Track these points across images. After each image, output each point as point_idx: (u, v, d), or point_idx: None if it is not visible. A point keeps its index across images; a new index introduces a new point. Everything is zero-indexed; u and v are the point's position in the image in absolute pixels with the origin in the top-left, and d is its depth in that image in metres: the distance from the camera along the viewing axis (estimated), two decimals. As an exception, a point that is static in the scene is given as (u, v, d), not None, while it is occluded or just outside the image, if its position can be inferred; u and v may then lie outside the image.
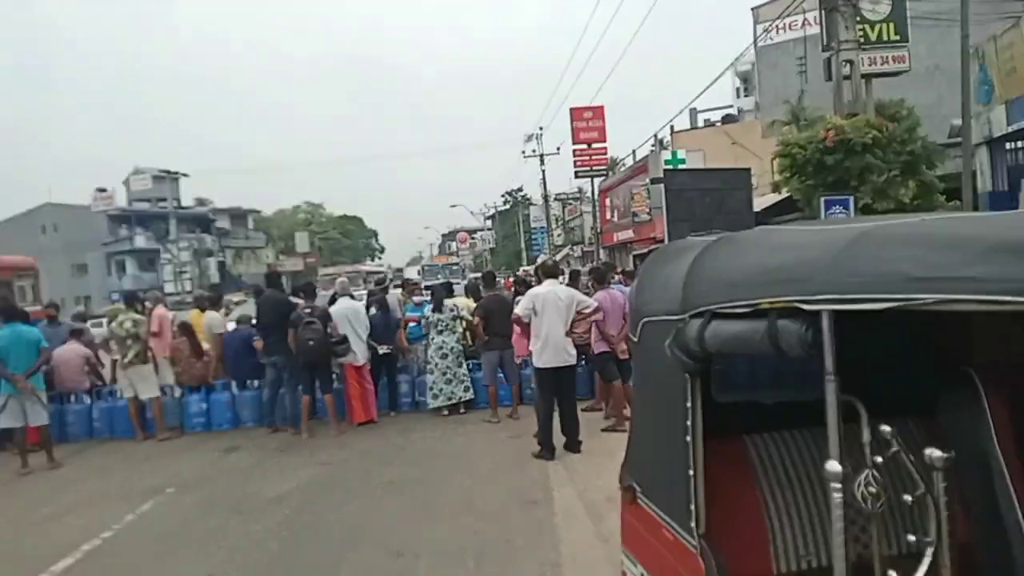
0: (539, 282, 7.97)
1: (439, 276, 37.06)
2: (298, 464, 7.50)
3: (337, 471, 7.13)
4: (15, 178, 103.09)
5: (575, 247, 52.55)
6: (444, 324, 9.43)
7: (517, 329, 8.21)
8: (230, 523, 5.72)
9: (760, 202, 18.79)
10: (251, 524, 5.65)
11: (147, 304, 11.57)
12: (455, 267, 49.07)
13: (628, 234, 31.32)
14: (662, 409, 2.34)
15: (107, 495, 6.82)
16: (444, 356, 9.31)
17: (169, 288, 49.07)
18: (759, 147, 27.41)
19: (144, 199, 58.79)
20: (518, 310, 7.13)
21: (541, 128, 39.28)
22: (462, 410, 9.39)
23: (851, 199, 11.26)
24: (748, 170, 16.76)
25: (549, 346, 7.03)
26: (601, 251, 35.55)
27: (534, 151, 39.52)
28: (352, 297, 9.96)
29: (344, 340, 8.88)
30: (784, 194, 17.02)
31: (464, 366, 9.45)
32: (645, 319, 2.48)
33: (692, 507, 2.06)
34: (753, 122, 33.62)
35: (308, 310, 8.78)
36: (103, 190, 56.81)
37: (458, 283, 23.33)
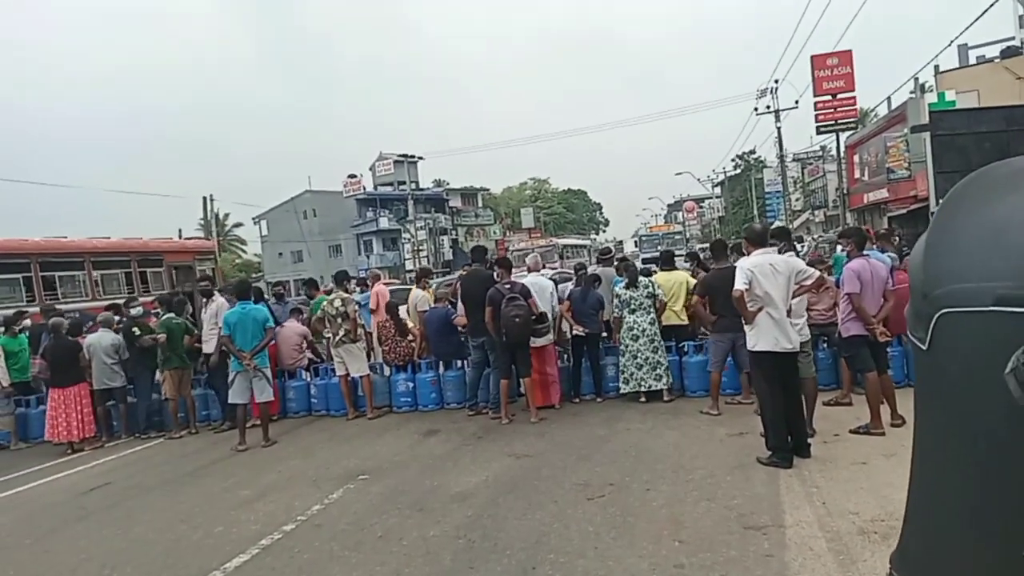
0: (719, 256, 6.67)
1: (658, 247, 35.11)
2: (492, 455, 6.91)
3: (530, 466, 6.40)
4: (284, 170, 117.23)
5: (816, 211, 47.91)
6: (638, 303, 8.34)
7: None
8: (409, 523, 5.21)
9: (1062, 144, 15.14)
10: (430, 526, 5.09)
11: (367, 282, 11.84)
12: (676, 236, 45.11)
13: (881, 194, 27.54)
14: (984, 479, 1.16)
15: (304, 478, 6.74)
16: (635, 338, 8.26)
17: (408, 265, 52.69)
18: (1053, 82, 22.57)
19: (387, 183, 63.51)
20: (738, 284, 5.83)
21: (776, 81, 35.71)
22: (666, 398, 8.28)
23: None
24: (1046, 103, 13.46)
25: (766, 327, 5.70)
26: (848, 215, 31.69)
27: (768, 107, 36.10)
28: (540, 273, 9.20)
29: (544, 318, 8.17)
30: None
31: (660, 351, 8.31)
32: (946, 309, 1.24)
33: None
34: (1045, 52, 27.76)
35: (508, 285, 8.16)
36: (353, 176, 62.12)
37: (681, 253, 21.78)
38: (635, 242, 49.58)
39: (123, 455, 8.89)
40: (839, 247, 9.96)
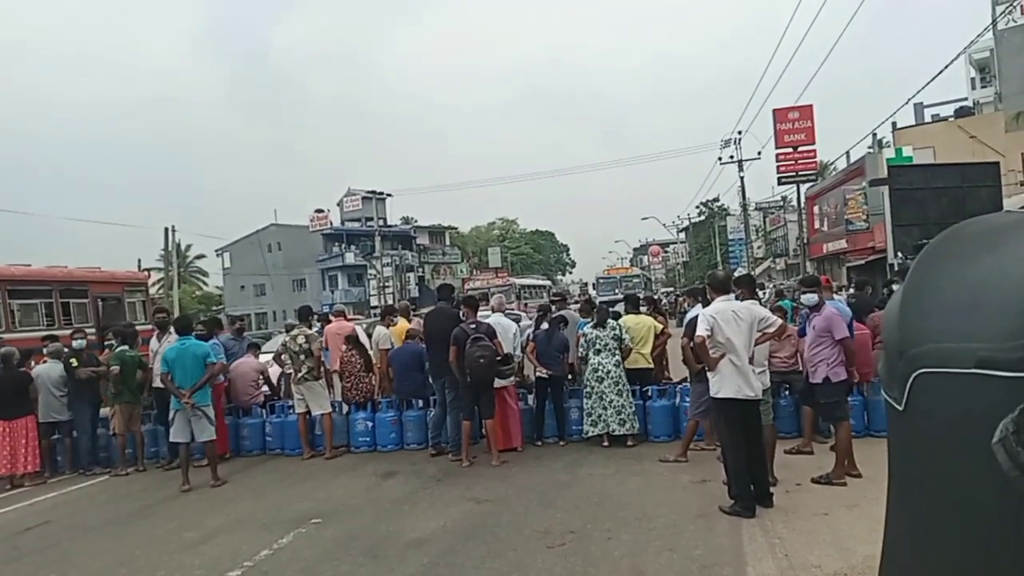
0: (697, 300, 6.67)
1: (616, 291, 34.82)
2: (451, 499, 6.73)
3: (490, 511, 6.24)
4: (250, 203, 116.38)
5: (777, 259, 48.84)
6: (603, 343, 8.31)
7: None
8: (361, 570, 5.01)
9: (1011, 203, 15.74)
10: (383, 574, 4.91)
11: (331, 318, 11.63)
12: (634, 279, 42.55)
13: (841, 244, 28.23)
14: (964, 547, 1.10)
15: (253, 521, 6.47)
16: (600, 380, 8.20)
17: (373, 301, 52.25)
18: (1002, 143, 23.59)
19: (355, 219, 63.31)
20: (699, 331, 5.82)
21: (740, 132, 36.61)
22: (630, 443, 8.21)
23: None
24: (996, 164, 14.01)
25: (729, 374, 5.70)
26: (808, 263, 32.34)
27: (732, 157, 36.92)
28: (504, 314, 9.14)
29: (508, 359, 8.08)
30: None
31: (625, 394, 8.25)
32: (924, 369, 1.19)
33: None
34: (994, 115, 29.06)
35: (473, 325, 8.07)
36: (320, 211, 61.81)
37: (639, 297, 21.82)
38: (592, 284, 48.38)
39: (66, 492, 8.48)
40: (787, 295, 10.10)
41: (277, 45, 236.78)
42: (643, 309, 9.76)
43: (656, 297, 16.52)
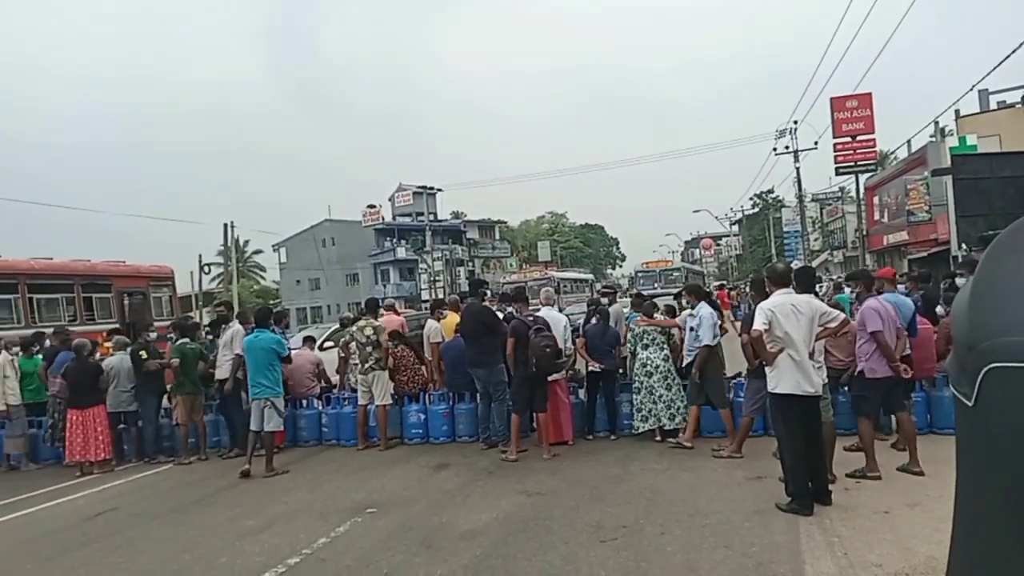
0: (760, 293, 6.50)
1: (656, 284, 33.59)
2: (503, 491, 6.77)
3: (541, 504, 6.26)
4: (305, 198, 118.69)
5: (835, 252, 47.55)
6: (651, 338, 8.23)
7: None
8: (415, 560, 5.08)
9: (1088, 191, 14.96)
10: (437, 564, 4.96)
11: (382, 311, 11.81)
12: (674, 273, 39.94)
13: (902, 236, 27.30)
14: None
15: (310, 510, 6.63)
16: (649, 375, 8.13)
17: (425, 295, 52.78)
18: (1077, 127, 22.48)
19: (406, 214, 63.99)
20: (756, 325, 5.72)
21: (796, 122, 35.74)
22: (676, 438, 8.13)
23: None
24: (1072, 149, 13.35)
25: (787, 369, 5.58)
26: (867, 256, 31.41)
27: (787, 147, 36.07)
28: (552, 307, 9.08)
29: (562, 352, 8.08)
30: None
31: (675, 388, 8.17)
32: (995, 363, 1.15)
33: None
34: (1068, 98, 27.65)
35: (531, 318, 8.12)
36: (372, 206, 62.63)
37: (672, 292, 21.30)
38: (630, 278, 45.92)
39: (132, 479, 8.82)
40: (847, 289, 9.80)
41: (327, 43, 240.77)
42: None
43: (709, 291, 16.26)
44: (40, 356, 10.67)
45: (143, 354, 9.60)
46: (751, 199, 68.26)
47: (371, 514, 6.32)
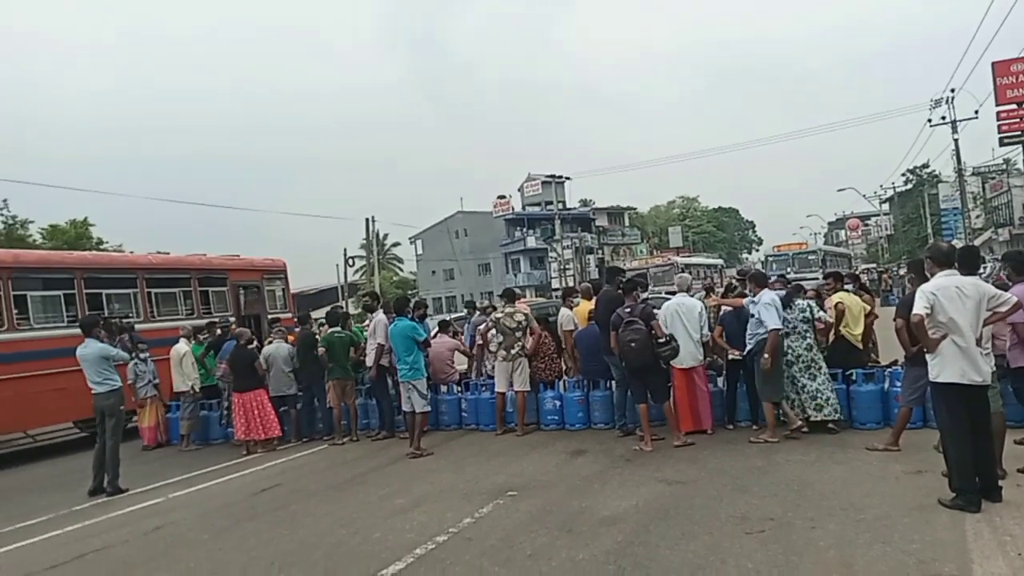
0: (920, 275, 6.01)
1: (789, 269, 30.99)
2: (641, 479, 6.74)
3: (682, 493, 6.17)
4: (437, 191, 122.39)
5: (1000, 230, 43.37)
6: (791, 326, 7.85)
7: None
8: (557, 543, 5.17)
9: None
10: (579, 549, 5.03)
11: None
12: (809, 257, 36.91)
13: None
14: None
15: (455, 491, 6.90)
16: (789, 364, 7.78)
17: (555, 284, 53.08)
18: None
19: (535, 203, 64.54)
20: (916, 309, 5.33)
21: (952, 90, 32.79)
22: (831, 426, 7.73)
23: None
24: None
25: (952, 357, 5.17)
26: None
27: (943, 118, 33.21)
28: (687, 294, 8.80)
29: (669, 340, 7.87)
30: None
31: (820, 378, 7.79)
32: None
33: None
34: None
35: (628, 309, 7.99)
36: (502, 197, 63.67)
37: (814, 278, 19.83)
38: (761, 262, 42.86)
39: (291, 458, 9.52)
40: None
41: (455, 34, 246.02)
42: (848, 287, 9.12)
43: (857, 274, 15.30)
44: (204, 343, 11.74)
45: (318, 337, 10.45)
46: (903, 175, 63.50)
47: (512, 497, 6.48)
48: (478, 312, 12.50)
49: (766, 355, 7.53)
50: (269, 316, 15.73)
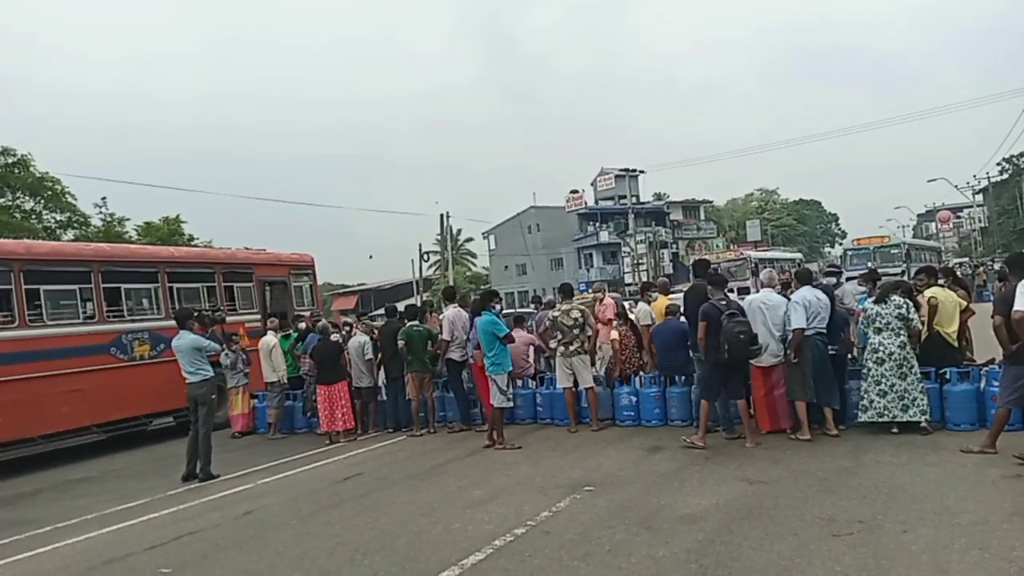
0: (1020, 270, 5.70)
1: (869, 263, 28.96)
2: (722, 477, 6.63)
3: (765, 493, 6.04)
4: (509, 186, 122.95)
5: (1111, 221, 40.60)
6: (884, 321, 7.55)
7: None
8: (636, 540, 5.15)
9: None
10: (659, 546, 4.99)
11: (596, 295, 12.03)
12: (892, 251, 34.39)
13: None
14: None
15: (532, 484, 6.95)
16: (880, 362, 7.50)
17: (628, 279, 52.60)
18: None
19: (608, 197, 64.05)
20: (1018, 305, 5.06)
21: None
22: (923, 426, 7.43)
23: None
24: None
25: None
26: None
27: (1045, 103, 31.16)
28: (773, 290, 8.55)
29: (755, 339, 7.70)
30: None
31: (912, 377, 7.48)
32: None
33: None
34: None
35: (724, 301, 7.88)
36: (575, 192, 63.46)
37: (896, 273, 18.84)
38: (839, 257, 40.47)
39: (372, 448, 9.79)
40: None
41: (526, 29, 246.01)
42: (941, 282, 8.72)
43: (952, 267, 14.60)
44: (291, 335, 12.20)
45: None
46: (998, 164, 60.12)
47: (589, 492, 6.49)
48: (543, 307, 12.54)
49: (790, 353, 7.61)
50: (295, 312, 14.88)
